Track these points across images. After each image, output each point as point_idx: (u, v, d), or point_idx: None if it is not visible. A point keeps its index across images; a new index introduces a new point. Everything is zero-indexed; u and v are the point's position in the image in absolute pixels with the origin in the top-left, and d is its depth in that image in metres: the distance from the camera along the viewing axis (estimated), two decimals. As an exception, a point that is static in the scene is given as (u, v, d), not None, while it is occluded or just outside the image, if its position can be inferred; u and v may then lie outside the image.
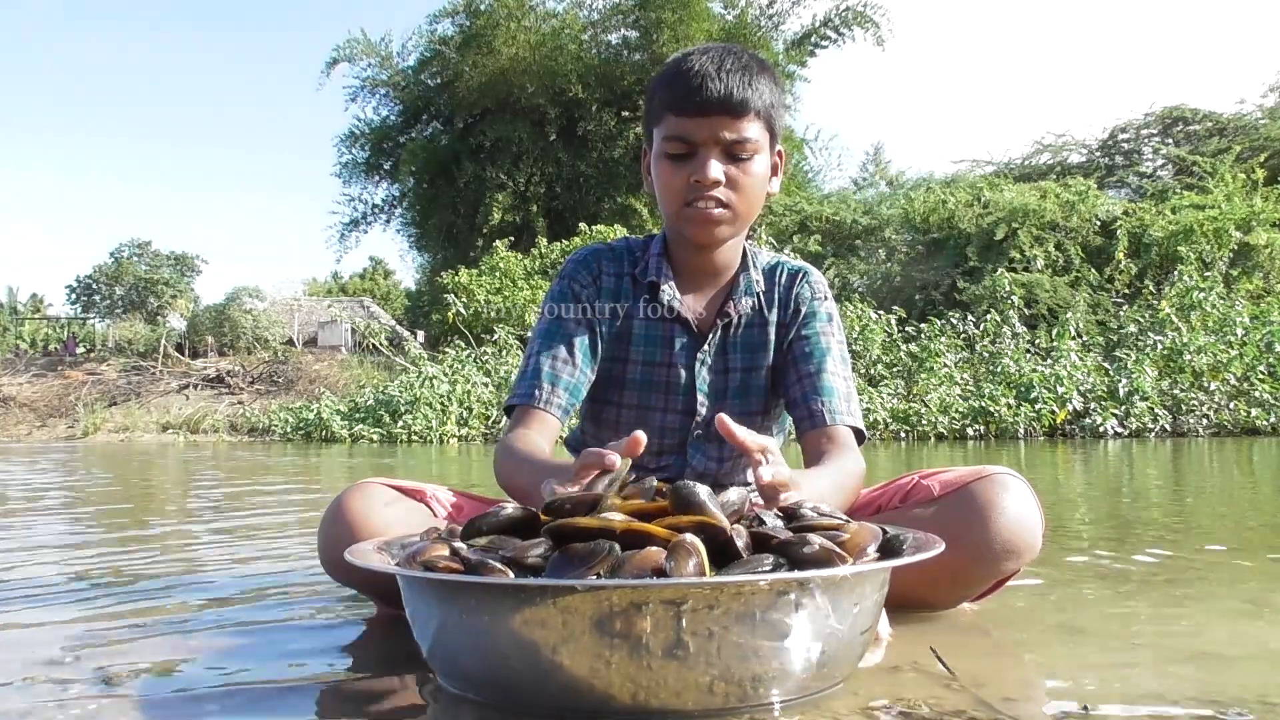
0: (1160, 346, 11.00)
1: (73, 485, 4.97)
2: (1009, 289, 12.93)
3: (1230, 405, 10.21)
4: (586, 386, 1.48)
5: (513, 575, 0.89)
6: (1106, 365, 11.01)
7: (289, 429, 13.03)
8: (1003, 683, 1.04)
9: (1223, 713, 0.92)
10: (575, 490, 0.99)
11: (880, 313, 12.85)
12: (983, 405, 10.47)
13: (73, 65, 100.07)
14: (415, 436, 11.63)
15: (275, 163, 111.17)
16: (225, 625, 1.41)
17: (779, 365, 1.51)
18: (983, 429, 10.32)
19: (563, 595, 0.84)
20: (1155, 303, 12.16)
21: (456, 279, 16.46)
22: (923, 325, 12.57)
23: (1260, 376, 10.43)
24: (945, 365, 11.58)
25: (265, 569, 1.97)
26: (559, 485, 1.01)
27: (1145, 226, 14.19)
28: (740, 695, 0.89)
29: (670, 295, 1.48)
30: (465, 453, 8.88)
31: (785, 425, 1.63)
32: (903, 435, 10.45)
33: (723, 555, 0.92)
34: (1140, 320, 11.89)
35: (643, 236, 1.58)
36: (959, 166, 21.83)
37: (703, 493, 0.94)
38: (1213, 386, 10.37)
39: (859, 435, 1.44)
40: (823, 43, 21.47)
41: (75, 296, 36.43)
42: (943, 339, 12.23)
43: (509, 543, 0.97)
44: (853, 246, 16.44)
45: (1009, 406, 10.34)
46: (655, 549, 0.88)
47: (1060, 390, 10.29)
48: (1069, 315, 12.19)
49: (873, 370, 12.00)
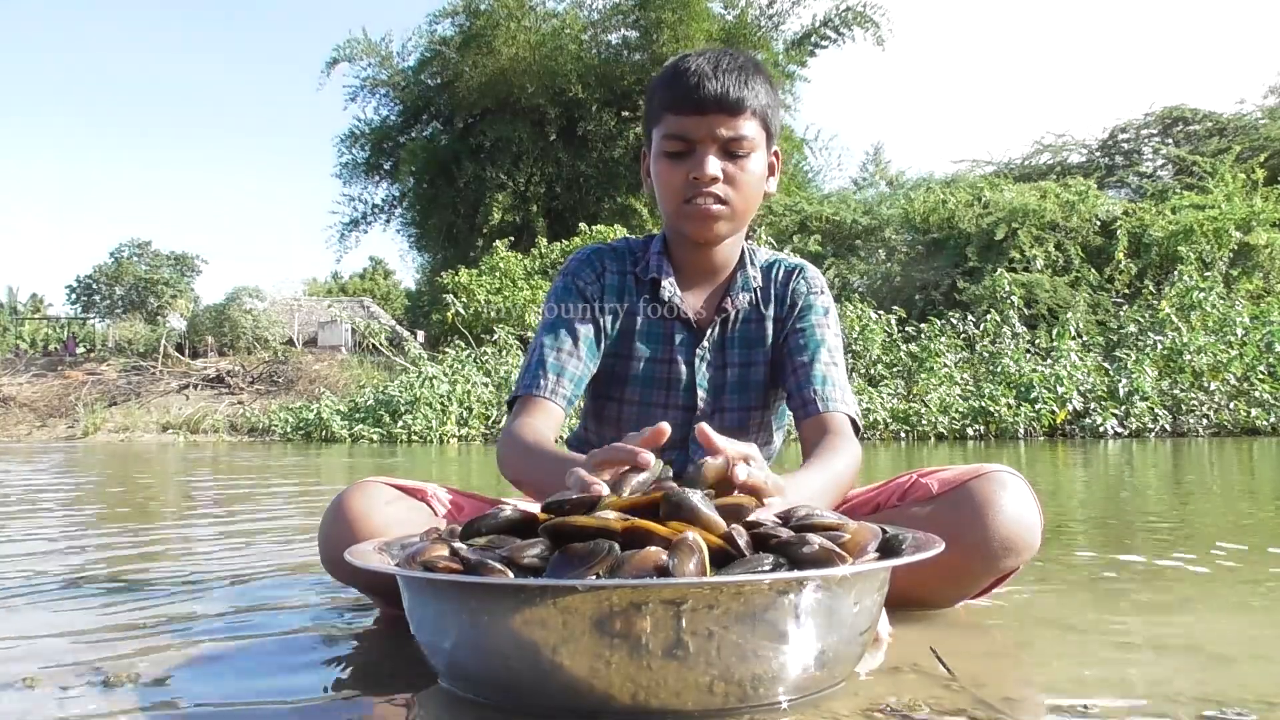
0: (1160, 346, 11.00)
1: (72, 486, 4.97)
2: (1009, 289, 12.94)
3: (1230, 405, 10.21)
4: (588, 379, 1.49)
5: (512, 575, 0.89)
6: (1106, 365, 11.01)
7: (289, 429, 13.04)
8: (1003, 683, 1.04)
9: (1223, 713, 0.92)
10: (607, 476, 0.99)
11: (880, 313, 12.86)
12: (983, 405, 10.48)
13: (73, 65, 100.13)
14: (415, 436, 11.64)
15: (276, 163, 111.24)
16: (225, 625, 1.41)
17: (777, 359, 1.51)
18: (983, 429, 10.32)
19: (563, 595, 0.84)
20: (1155, 303, 12.16)
21: (456, 279, 16.46)
22: (923, 325, 12.57)
23: (1260, 376, 10.43)
24: (945, 365, 11.58)
25: (265, 569, 1.97)
26: (587, 474, 0.99)
27: (1145, 226, 14.20)
28: (740, 695, 0.88)
29: (671, 292, 1.50)
30: (465, 453, 8.89)
31: (785, 421, 1.63)
32: (903, 435, 10.45)
33: (723, 556, 0.92)
34: (1140, 320, 11.90)
35: (642, 237, 1.59)
36: (959, 166, 21.88)
37: (695, 498, 0.94)
38: (1213, 386, 10.38)
39: (854, 425, 1.44)
40: (822, 43, 21.50)
41: (75, 296, 36.46)
42: (943, 339, 12.24)
43: (507, 542, 0.97)
44: (853, 246, 16.45)
45: (1009, 406, 10.34)
46: (655, 549, 0.88)
47: (1060, 390, 10.29)
48: (1069, 315, 12.19)
49: (873, 370, 12.00)
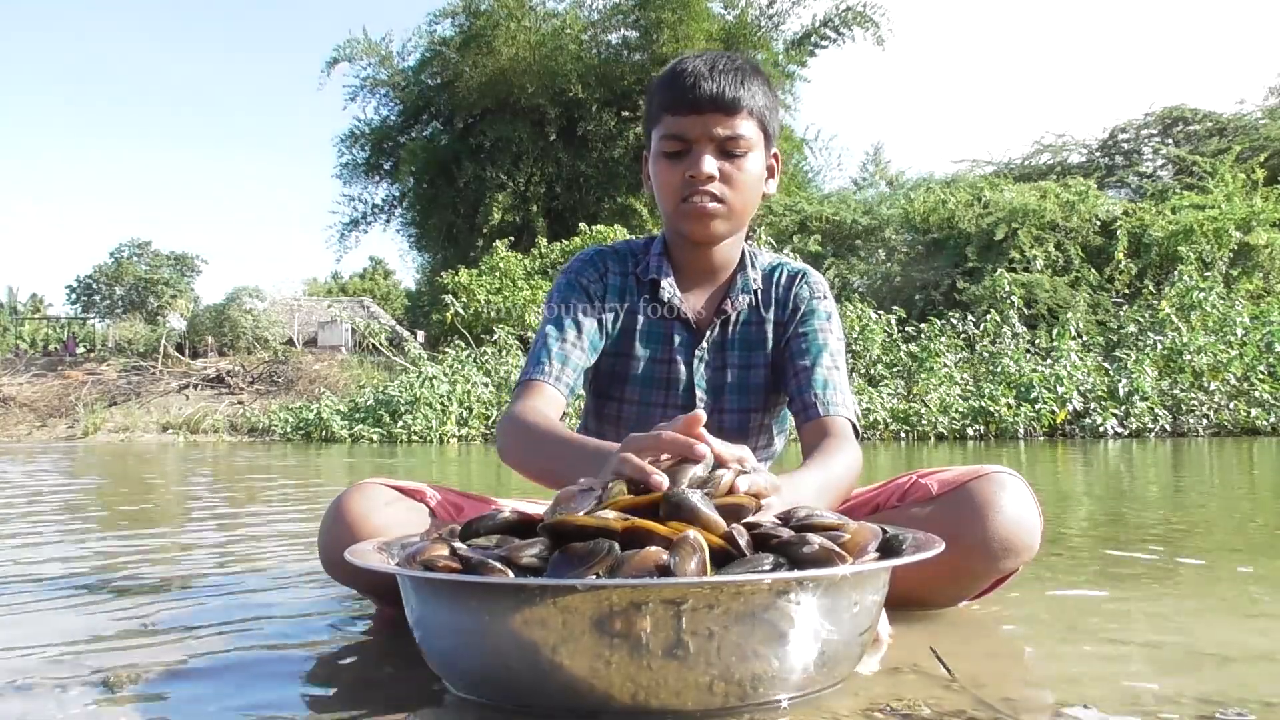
0: (1160, 346, 11.00)
1: (72, 486, 4.97)
2: (1009, 289, 12.94)
3: (1230, 405, 10.21)
4: (585, 372, 1.49)
5: (511, 575, 0.89)
6: (1106, 365, 11.01)
7: (289, 429, 13.03)
8: (1003, 683, 1.04)
9: (1222, 713, 0.92)
10: (662, 463, 1.00)
11: (880, 313, 12.86)
12: (983, 405, 10.47)
13: (73, 65, 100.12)
14: (415, 436, 11.64)
15: (276, 163, 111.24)
16: (225, 625, 1.41)
17: (779, 363, 1.51)
18: (983, 429, 10.32)
19: (563, 594, 0.84)
20: (1155, 303, 12.16)
21: (456, 279, 16.46)
22: (923, 325, 12.57)
23: (1260, 376, 10.43)
24: (945, 365, 11.58)
25: (265, 569, 1.97)
26: (644, 463, 0.98)
27: (1145, 226, 14.20)
28: (740, 695, 0.88)
29: (670, 293, 1.50)
30: (465, 453, 8.89)
31: (786, 425, 1.63)
32: (903, 435, 10.45)
33: (723, 556, 0.92)
34: (1140, 320, 11.89)
35: (643, 238, 1.60)
36: (959, 166, 21.88)
37: (695, 498, 0.94)
38: (1213, 386, 10.37)
39: (854, 429, 1.44)
40: (822, 43, 21.50)
41: (75, 296, 36.45)
42: (943, 339, 12.24)
43: (506, 542, 0.97)
44: (853, 246, 16.45)
45: (1009, 406, 10.34)
46: (655, 549, 0.88)
47: (1060, 390, 10.29)
48: (1069, 315, 12.19)
49: (873, 370, 12.00)
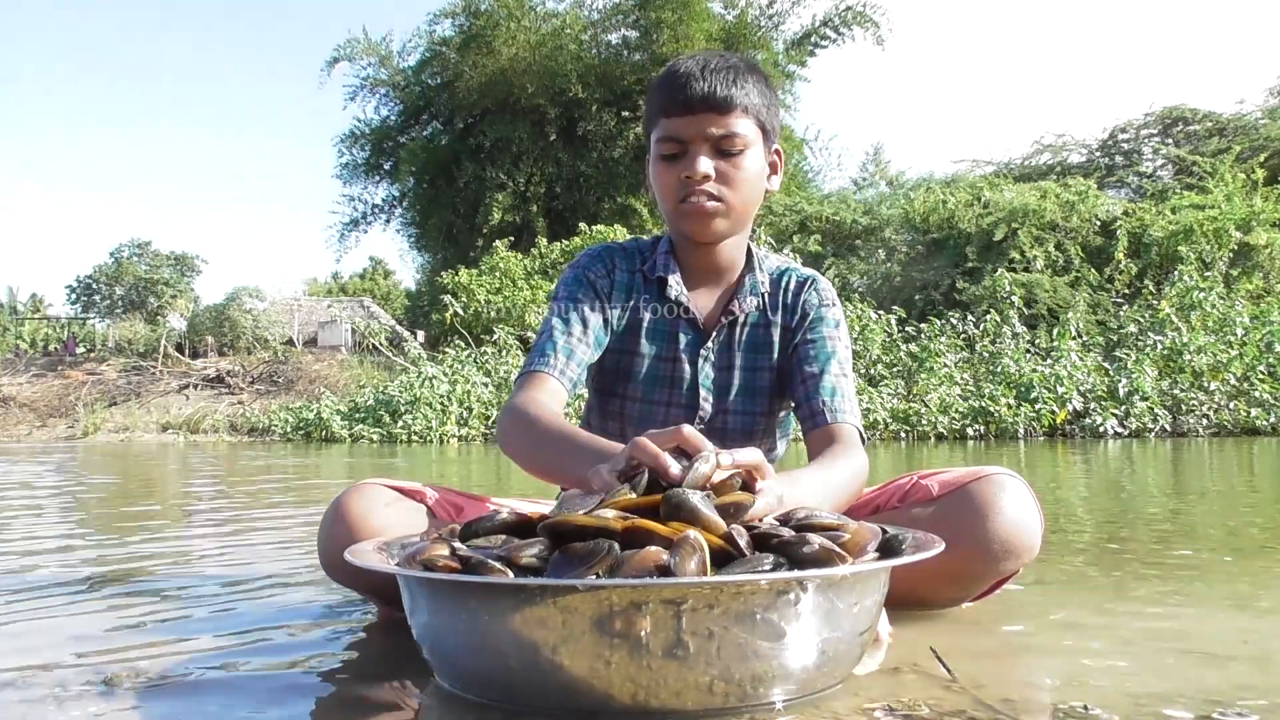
0: (1160, 346, 11.00)
1: (72, 485, 4.97)
2: (1009, 289, 12.94)
3: (1230, 405, 10.20)
4: (588, 368, 1.48)
5: (511, 575, 0.89)
6: (1106, 365, 11.01)
7: (289, 429, 13.03)
8: (1003, 683, 1.04)
9: (1223, 713, 0.92)
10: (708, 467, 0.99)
11: (880, 313, 12.86)
12: (983, 405, 10.47)
13: (73, 65, 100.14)
14: (415, 436, 11.63)
15: (276, 163, 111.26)
16: (224, 626, 1.41)
17: (785, 368, 1.51)
18: (983, 429, 10.32)
19: (563, 594, 0.84)
20: (1155, 303, 12.16)
21: (456, 279, 16.46)
22: (923, 325, 12.57)
23: (1260, 376, 10.43)
24: (945, 365, 11.58)
25: (265, 569, 1.97)
26: (654, 447, 0.99)
27: (1145, 226, 14.20)
28: (740, 695, 0.88)
29: (677, 290, 1.50)
30: (465, 453, 8.88)
31: (789, 430, 1.64)
32: (903, 435, 10.45)
33: (723, 556, 0.92)
34: (1140, 320, 11.89)
35: (651, 237, 1.60)
36: (959, 166, 21.88)
37: (694, 498, 0.94)
38: (1213, 386, 10.37)
39: (861, 438, 1.45)
40: (822, 43, 21.50)
41: (75, 296, 36.44)
42: (943, 339, 12.24)
43: (507, 542, 0.97)
44: (853, 246, 16.45)
45: (1009, 406, 10.34)
46: (655, 549, 0.88)
47: (1060, 390, 10.29)
48: (1069, 315, 12.19)
49: (873, 370, 12.00)
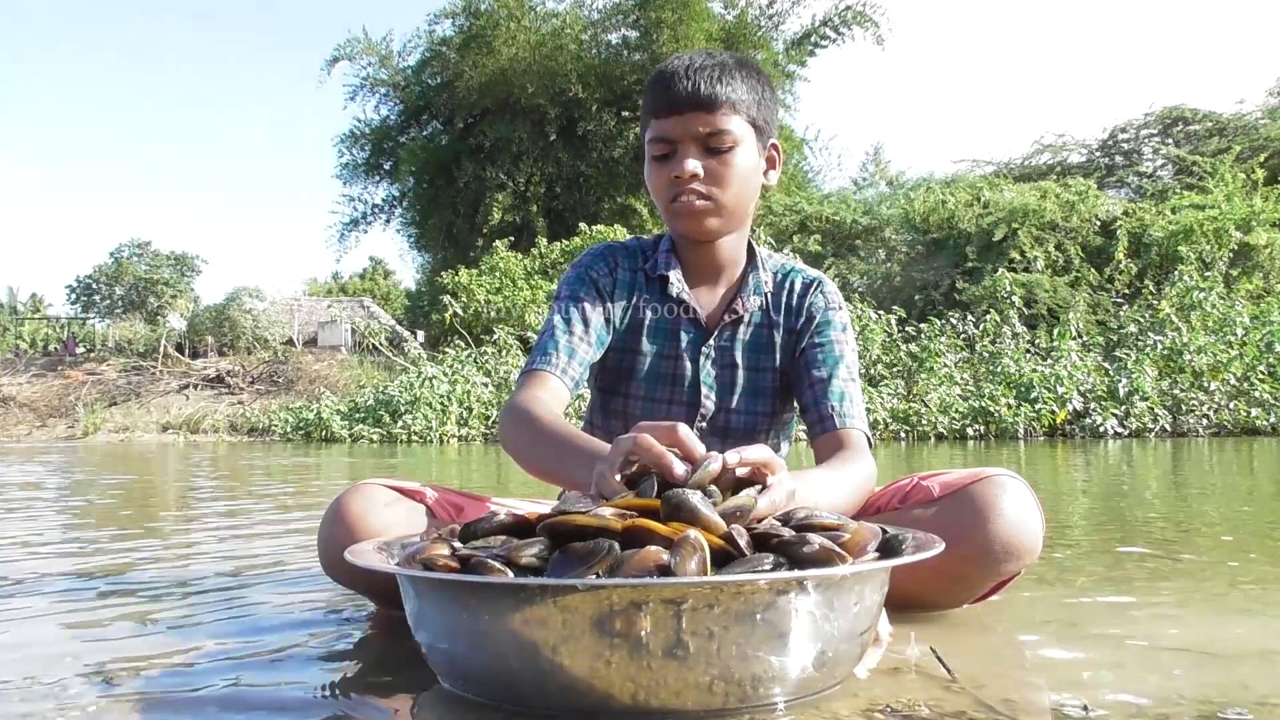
0: (1160, 346, 11.00)
1: (72, 485, 4.97)
2: (1009, 289, 12.94)
3: (1230, 405, 10.20)
4: (590, 367, 1.49)
5: (511, 574, 0.89)
6: (1106, 365, 11.01)
7: (289, 429, 13.04)
8: (1003, 683, 1.04)
9: (1222, 713, 0.92)
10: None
11: (880, 313, 12.86)
12: (983, 405, 10.47)
13: (73, 64, 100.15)
14: (415, 436, 11.63)
15: (276, 163, 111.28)
16: (224, 626, 1.42)
17: (793, 373, 1.52)
18: (983, 429, 10.32)
19: (563, 594, 0.84)
20: (1155, 303, 12.16)
21: (456, 279, 16.47)
22: (923, 325, 12.57)
23: (1260, 376, 10.43)
24: (945, 365, 11.58)
25: (265, 570, 1.97)
26: (658, 445, 0.99)
27: (1145, 226, 14.20)
28: (740, 695, 0.88)
29: (679, 288, 1.51)
30: (465, 453, 8.88)
31: (792, 432, 1.64)
32: (903, 435, 10.45)
33: (723, 556, 0.92)
34: (1140, 320, 11.89)
35: (653, 236, 1.60)
36: (959, 166, 21.88)
37: (694, 499, 0.94)
38: (1213, 386, 10.37)
39: (868, 442, 1.46)
40: (822, 42, 21.51)
41: (75, 296, 36.43)
42: (943, 339, 12.24)
43: (507, 542, 0.97)
44: (853, 246, 16.45)
45: (1009, 406, 10.34)
46: (655, 548, 0.88)
47: (1060, 390, 10.29)
48: (1069, 315, 12.19)
49: (873, 370, 12.00)
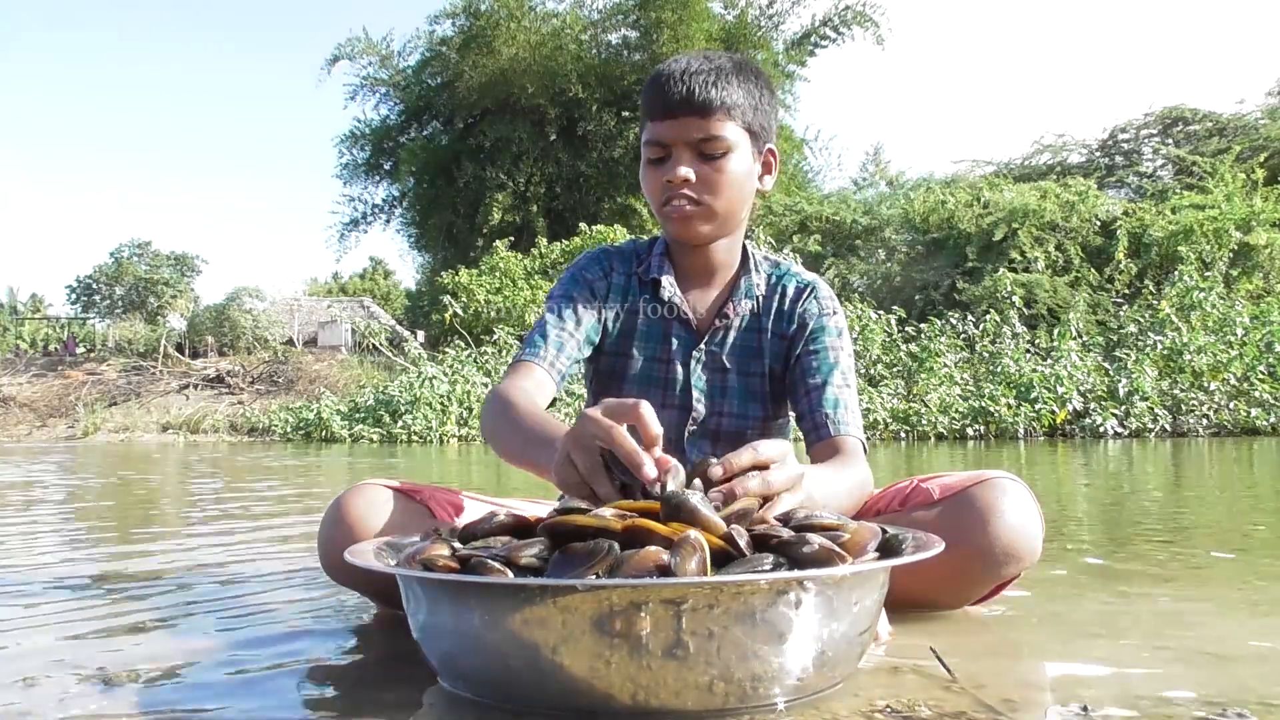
0: (1160, 346, 11.00)
1: (72, 486, 4.97)
2: (1009, 289, 12.94)
3: (1230, 405, 10.20)
4: (579, 362, 1.50)
5: (511, 575, 0.89)
6: (1106, 365, 11.01)
7: (289, 429, 13.04)
8: (1003, 683, 1.04)
9: (1222, 713, 0.92)
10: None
11: (880, 313, 12.86)
12: (983, 405, 10.47)
13: (73, 64, 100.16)
14: (415, 436, 11.63)
15: (276, 163, 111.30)
16: (225, 626, 1.42)
17: (789, 380, 1.52)
18: (983, 429, 10.32)
19: (562, 595, 0.84)
20: (1155, 303, 12.16)
21: (456, 279, 16.47)
22: (923, 325, 12.57)
23: (1260, 376, 10.42)
24: (945, 365, 11.58)
25: (265, 570, 1.97)
26: (630, 444, 0.98)
27: (1145, 226, 14.20)
28: (740, 695, 0.88)
29: (671, 292, 1.51)
30: (465, 453, 8.88)
31: (788, 436, 1.63)
32: (903, 435, 10.45)
33: (723, 556, 0.92)
34: (1140, 320, 11.89)
35: (648, 239, 1.60)
36: (959, 166, 21.89)
37: (694, 499, 0.94)
38: (1213, 386, 10.37)
39: (864, 449, 1.45)
40: (822, 42, 21.52)
41: (75, 296, 36.46)
42: (943, 339, 12.24)
43: (507, 542, 0.97)
44: (853, 246, 16.45)
45: (1009, 406, 10.34)
46: (655, 548, 0.88)
47: (1060, 390, 10.29)
48: (1069, 315, 12.19)
49: (873, 370, 12.00)
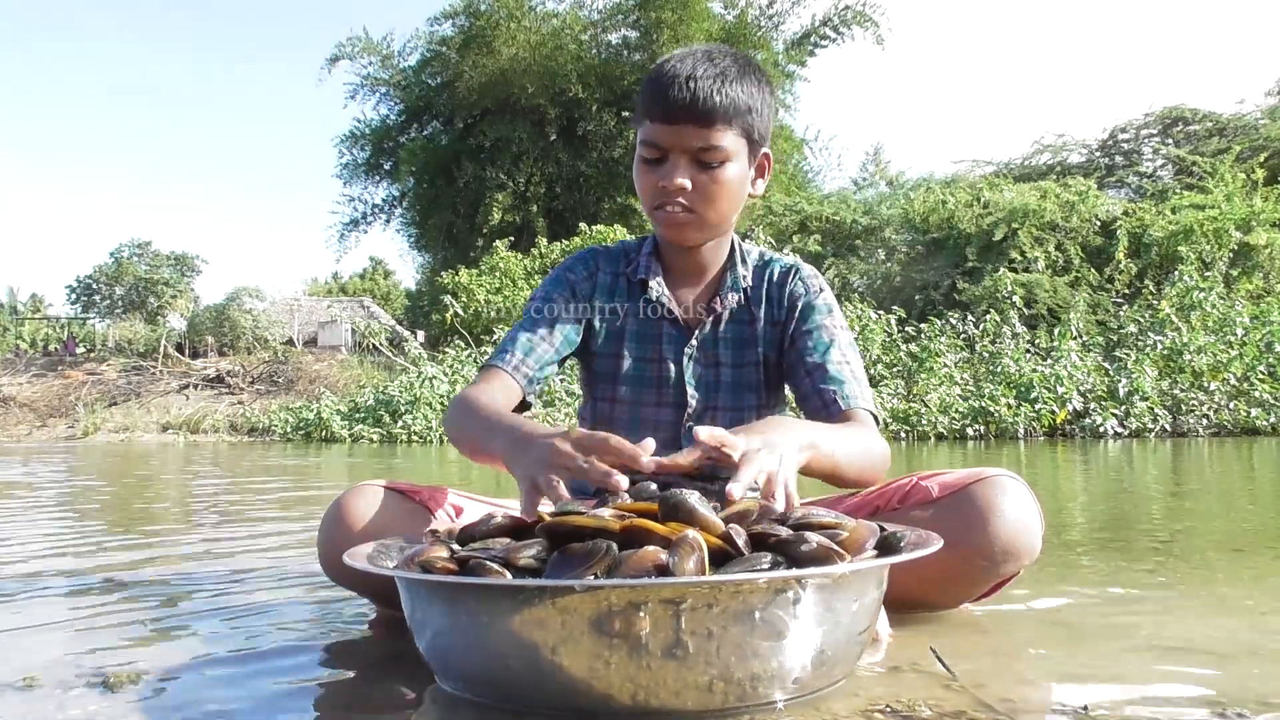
0: (1160, 346, 10.99)
1: (72, 486, 4.97)
2: (1009, 289, 12.93)
3: (1230, 405, 10.19)
4: (556, 364, 1.50)
5: (510, 576, 0.89)
6: (1106, 365, 11.00)
7: (289, 429, 13.03)
8: (1003, 683, 1.04)
9: (1223, 713, 0.92)
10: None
11: (880, 313, 12.85)
12: (983, 405, 10.47)
13: (73, 64, 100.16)
14: (415, 437, 11.63)
15: (276, 163, 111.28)
16: (224, 626, 1.42)
17: (787, 365, 1.51)
18: (983, 429, 10.31)
19: (561, 595, 0.84)
20: (1155, 303, 12.15)
21: (456, 279, 16.46)
22: (923, 325, 12.56)
23: (1260, 376, 10.42)
24: (945, 365, 11.57)
25: (264, 571, 1.97)
26: (601, 465, 1.01)
27: (1145, 226, 14.19)
28: (740, 695, 0.88)
29: (659, 292, 1.51)
30: (465, 453, 8.87)
31: None
32: (903, 435, 10.44)
33: (721, 556, 0.92)
34: (1140, 320, 11.88)
35: (638, 239, 1.60)
36: (959, 166, 21.87)
37: (692, 498, 0.94)
38: (1213, 386, 10.36)
39: (876, 421, 1.43)
40: (822, 42, 21.50)
41: (75, 296, 36.47)
42: (943, 339, 12.23)
43: (506, 543, 0.97)
44: (853, 246, 16.44)
45: (1009, 406, 10.33)
46: (654, 548, 0.88)
47: (1060, 390, 10.28)
48: (1069, 315, 12.18)
49: (873, 370, 11.99)
